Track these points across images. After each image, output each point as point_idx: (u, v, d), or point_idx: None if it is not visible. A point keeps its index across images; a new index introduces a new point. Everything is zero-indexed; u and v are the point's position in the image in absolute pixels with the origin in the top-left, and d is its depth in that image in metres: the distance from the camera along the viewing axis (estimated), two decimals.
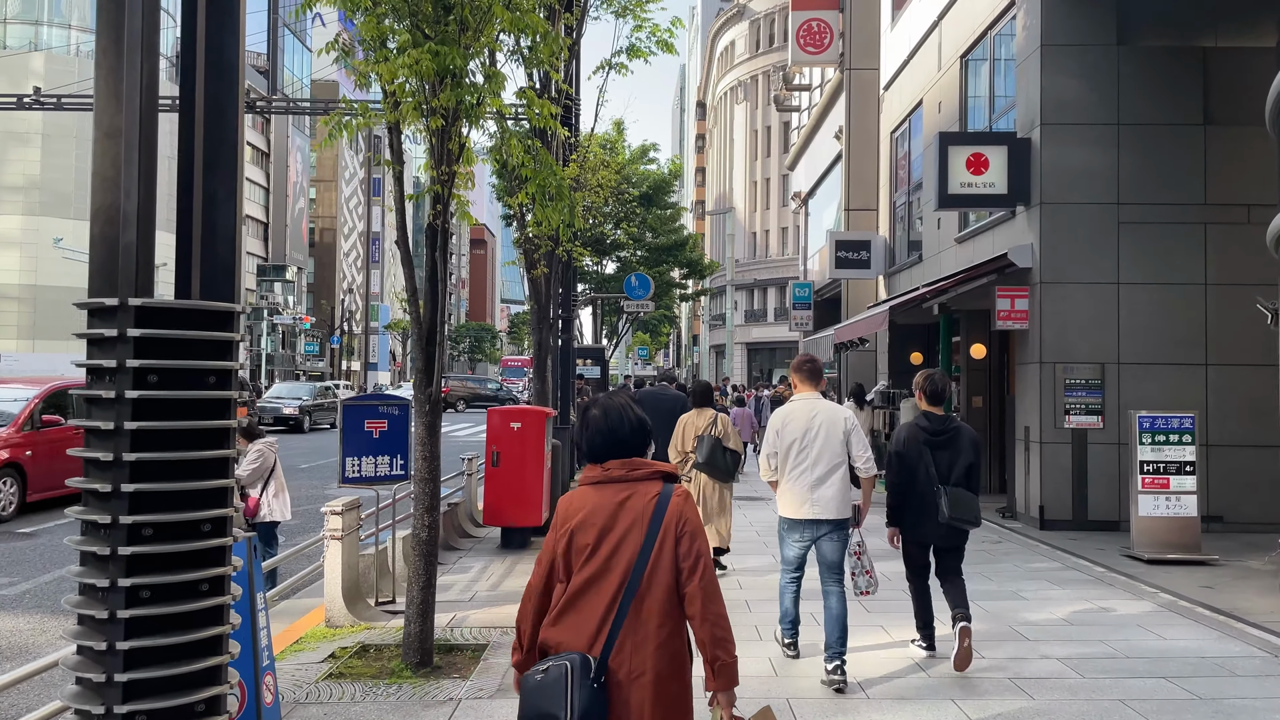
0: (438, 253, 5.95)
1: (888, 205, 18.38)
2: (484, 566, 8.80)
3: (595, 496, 2.74)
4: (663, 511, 2.69)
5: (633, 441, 2.82)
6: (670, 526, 2.67)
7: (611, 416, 2.83)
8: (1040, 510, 10.84)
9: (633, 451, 2.81)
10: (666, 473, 2.81)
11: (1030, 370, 11.15)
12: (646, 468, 2.78)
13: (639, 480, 2.75)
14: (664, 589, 2.64)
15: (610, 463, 2.78)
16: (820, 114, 23.58)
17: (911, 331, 17.44)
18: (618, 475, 2.75)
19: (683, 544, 2.67)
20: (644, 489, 2.73)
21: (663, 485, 2.76)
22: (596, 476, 2.78)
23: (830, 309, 24.86)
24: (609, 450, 2.80)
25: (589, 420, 2.88)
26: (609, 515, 2.69)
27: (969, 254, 13.37)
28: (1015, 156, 11.20)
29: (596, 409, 2.88)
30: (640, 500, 2.70)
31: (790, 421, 5.58)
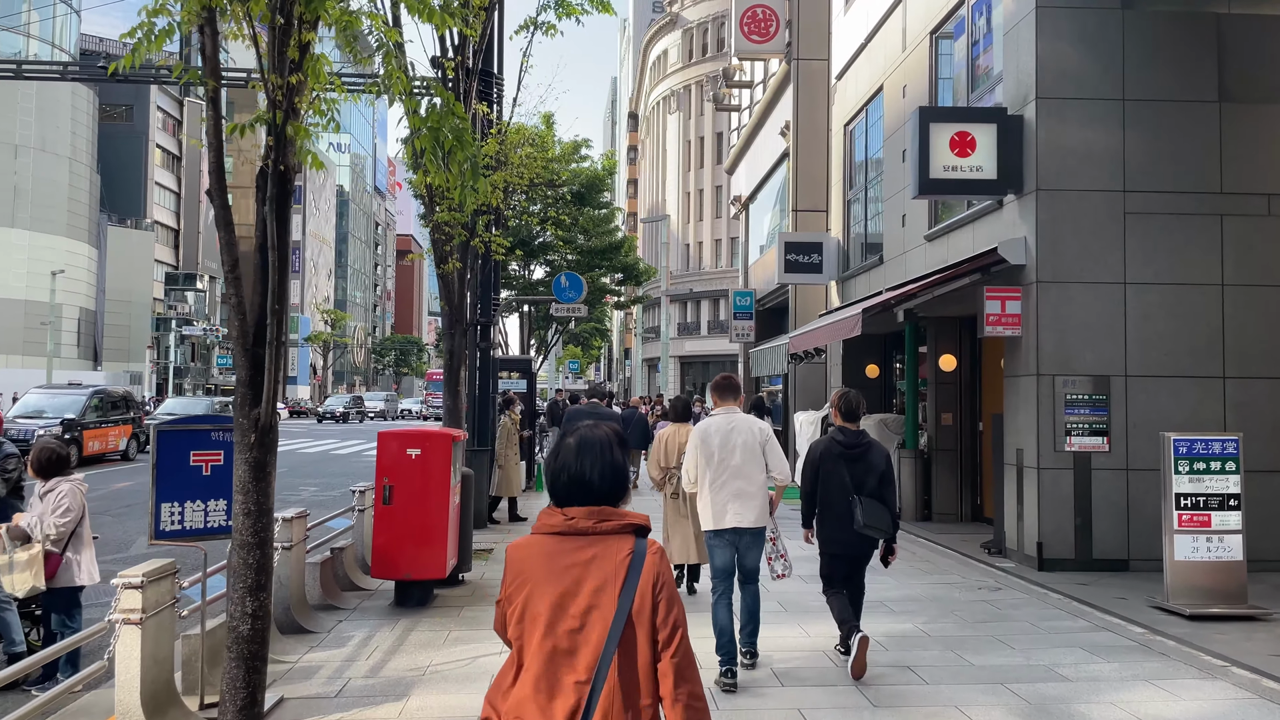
0: (269, 207, 4.05)
1: (840, 205, 16.86)
2: (368, 636, 6.83)
3: (554, 550, 2.26)
4: (637, 573, 2.23)
5: (605, 490, 2.33)
6: (648, 589, 2.23)
7: (586, 457, 2.35)
8: (1039, 548, 9.26)
9: (603, 501, 2.33)
10: (639, 525, 2.32)
11: (1024, 384, 9.59)
12: (617, 519, 2.30)
13: (608, 534, 2.28)
14: (644, 666, 2.22)
15: (574, 510, 2.29)
16: (764, 110, 22.06)
17: (868, 342, 15.88)
18: (583, 527, 2.27)
19: (660, 610, 2.23)
20: (613, 546, 2.26)
21: (635, 541, 2.28)
22: (557, 525, 2.29)
23: (773, 319, 23.31)
24: (575, 495, 2.32)
25: (560, 453, 2.38)
26: (573, 577, 2.22)
27: (941, 253, 11.83)
28: (1006, 136, 9.66)
29: (571, 441, 2.38)
30: (610, 560, 2.24)
31: (709, 435, 5.78)
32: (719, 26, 58.05)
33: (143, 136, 72.34)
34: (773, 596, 7.92)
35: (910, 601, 7.96)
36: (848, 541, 5.95)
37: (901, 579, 8.92)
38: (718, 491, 5.69)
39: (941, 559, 10.04)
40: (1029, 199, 9.54)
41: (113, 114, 71.63)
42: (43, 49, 65.95)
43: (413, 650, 6.44)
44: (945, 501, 12.93)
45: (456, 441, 8.00)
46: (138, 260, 70.40)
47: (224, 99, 4.65)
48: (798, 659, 6.27)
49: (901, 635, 6.81)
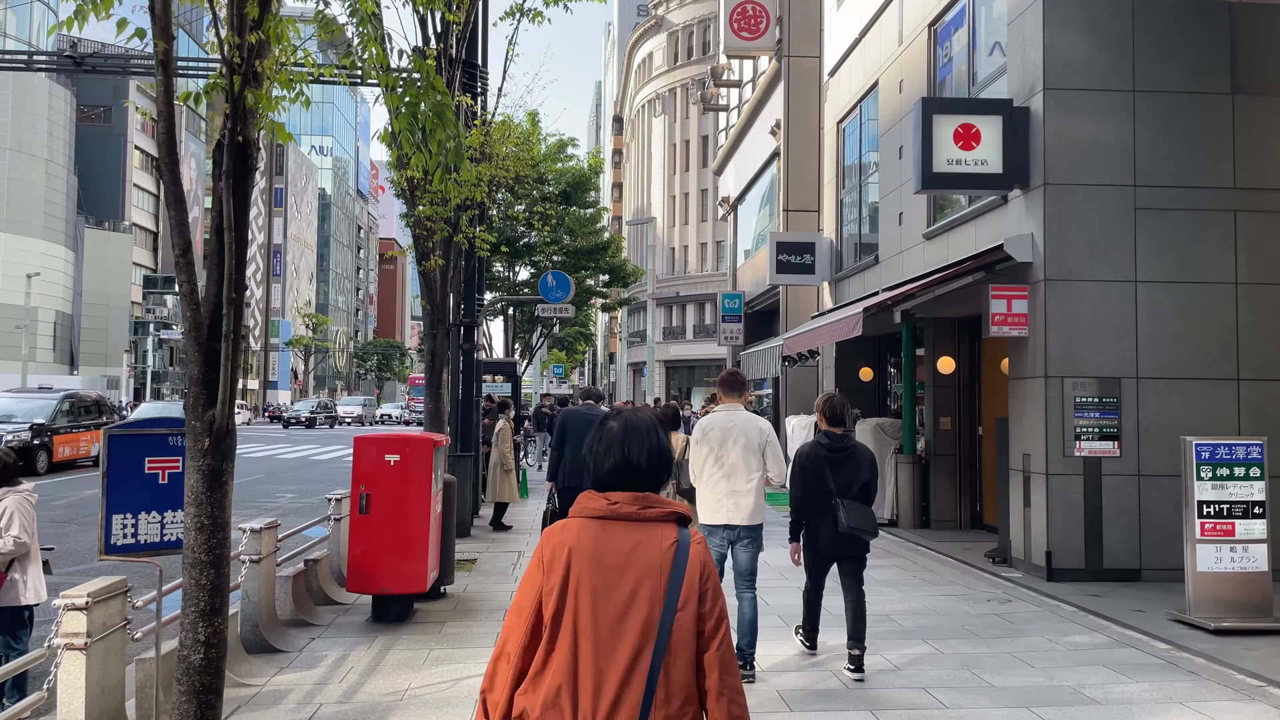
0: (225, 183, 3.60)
1: (833, 204, 16.49)
2: (342, 655, 6.36)
3: (597, 535, 2.16)
4: (684, 562, 2.14)
5: (650, 475, 2.26)
6: (695, 580, 2.14)
7: (633, 441, 2.26)
8: (1047, 557, 8.87)
9: (647, 486, 2.25)
10: (681, 514, 2.23)
11: (1031, 387, 9.21)
12: (661, 506, 2.21)
13: (652, 522, 2.18)
14: (688, 659, 2.12)
15: (617, 495, 2.21)
16: (753, 109, 21.69)
17: (862, 344, 15.50)
18: (628, 513, 2.18)
19: (707, 600, 2.15)
20: (658, 534, 2.17)
21: (678, 530, 2.19)
22: (600, 509, 2.19)
23: (762, 322, 22.94)
24: (619, 480, 2.24)
25: (604, 437, 2.30)
26: (616, 564, 2.12)
27: (941, 252, 11.46)
28: (1012, 128, 9.29)
29: (615, 425, 2.31)
30: (655, 548, 2.15)
31: (710, 431, 5.85)
32: (705, 29, 57.81)
33: (121, 138, 71.41)
34: (773, 610, 7.51)
35: (917, 615, 7.55)
36: (832, 543, 6.02)
37: (905, 591, 8.52)
38: (713, 488, 5.80)
39: (945, 568, 9.65)
40: (1036, 194, 9.17)
41: (91, 115, 70.67)
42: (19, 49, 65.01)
43: (390, 672, 5.98)
44: (944, 508, 12.55)
45: (438, 447, 7.54)
46: (115, 263, 69.45)
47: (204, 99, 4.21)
48: (805, 679, 5.85)
49: (913, 654, 6.40)
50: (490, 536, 11.89)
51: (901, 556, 10.37)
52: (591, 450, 2.32)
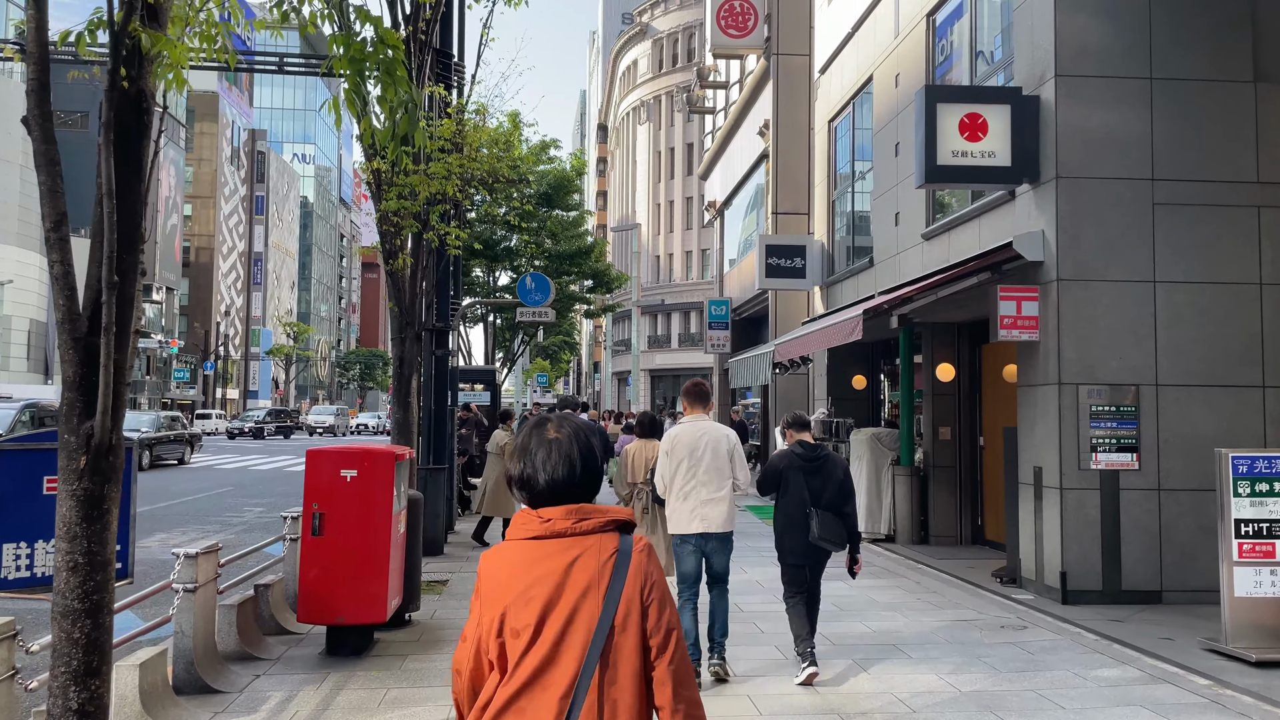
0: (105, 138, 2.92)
1: (825, 206, 15.89)
2: (287, 696, 5.65)
3: (533, 556, 2.02)
4: (623, 573, 2.00)
5: (582, 486, 2.10)
6: (635, 593, 2.00)
7: (556, 448, 2.10)
8: (1062, 578, 8.24)
9: (581, 497, 2.09)
10: (623, 521, 2.07)
11: (1043, 394, 8.60)
12: (598, 516, 2.05)
13: (589, 534, 2.04)
14: (632, 677, 1.98)
15: (549, 511, 2.05)
16: (740, 110, 21.11)
17: (855, 351, 14.90)
18: (561, 529, 2.02)
19: (651, 615, 2.01)
20: (597, 545, 2.02)
21: (619, 539, 2.04)
22: (534, 529, 2.04)
23: (750, 330, 22.34)
24: (549, 494, 2.07)
25: (528, 450, 2.11)
26: (554, 584, 1.98)
27: (941, 253, 10.86)
28: (1021, 118, 8.69)
29: (540, 435, 2.12)
30: (593, 561, 2.01)
31: (679, 442, 5.86)
32: (689, 37, 57.44)
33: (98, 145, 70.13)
34: (768, 639, 6.85)
35: (926, 644, 6.90)
36: (804, 552, 6.09)
37: (911, 614, 7.87)
38: (685, 498, 5.82)
39: (951, 589, 9.01)
40: (1047, 188, 8.57)
41: (67, 121, 69.59)
42: None
43: (341, 715, 5.28)
44: (944, 522, 11.92)
45: (400, 461, 6.84)
46: None
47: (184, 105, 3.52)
48: None
49: (927, 690, 5.74)
50: (466, 555, 11.17)
51: (902, 576, 9.72)
52: (520, 461, 2.13)
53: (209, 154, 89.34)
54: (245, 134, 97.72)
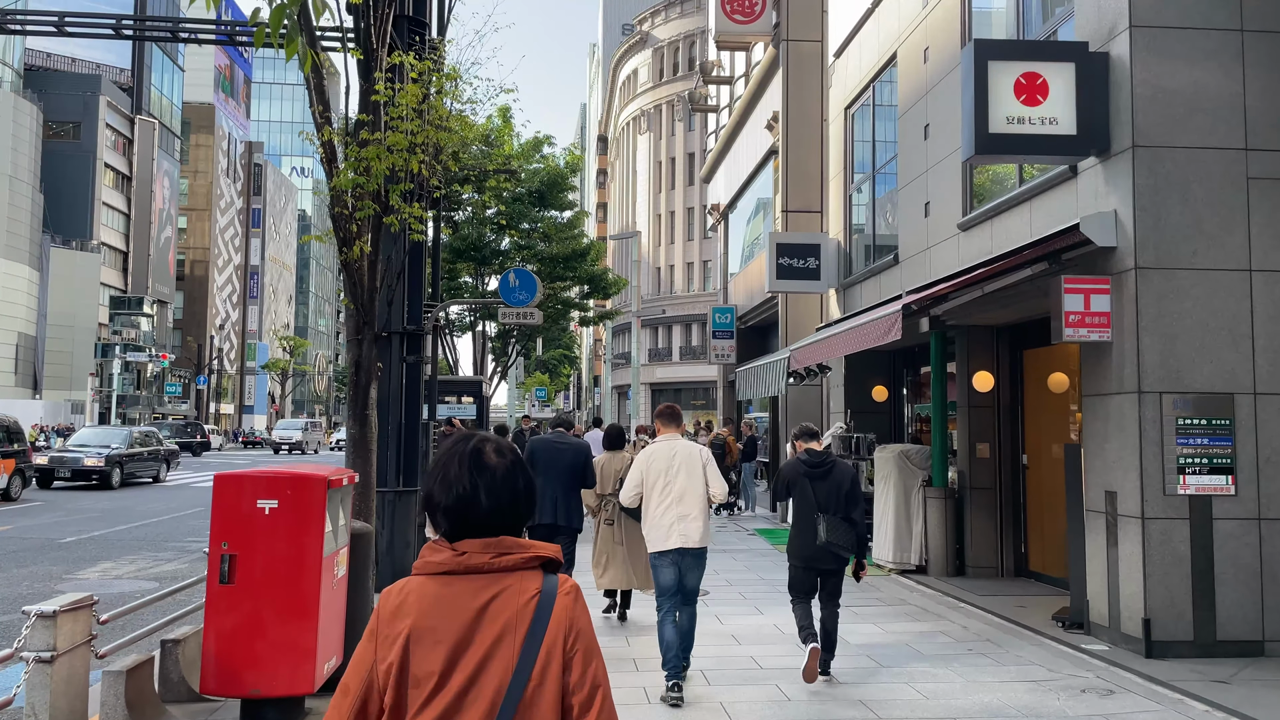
0: None
1: (840, 201, 14.56)
2: None
3: (441, 594, 1.76)
4: (545, 619, 1.75)
5: (504, 516, 1.84)
6: (556, 642, 1.74)
7: (480, 474, 1.83)
8: (1145, 626, 6.85)
9: (503, 529, 1.82)
10: (547, 559, 1.81)
11: (1117, 406, 7.22)
12: (520, 552, 1.80)
13: (508, 571, 1.78)
14: None
15: (465, 544, 1.80)
16: (747, 104, 19.82)
17: (875, 359, 13.56)
18: (477, 564, 1.77)
19: (574, 669, 1.74)
20: (516, 585, 1.77)
21: (543, 579, 1.79)
22: (445, 563, 1.78)
23: (756, 339, 20.99)
24: (465, 524, 1.82)
25: (444, 471, 1.84)
26: (464, 625, 1.74)
27: (981, 244, 9.51)
28: (1087, 79, 7.36)
29: (458, 454, 1.85)
30: (511, 602, 1.75)
31: (654, 461, 6.03)
32: (690, 45, 56.48)
33: (90, 155, 69.16)
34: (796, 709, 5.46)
35: (995, 719, 5.50)
36: (812, 556, 6.25)
37: (966, 672, 6.48)
38: (662, 515, 5.92)
39: (1005, 636, 7.61)
40: (1121, 160, 7.22)
41: (59, 131, 68.48)
42: None
43: None
44: (982, 552, 10.52)
45: (336, 487, 5.45)
46: (82, 283, 67.03)
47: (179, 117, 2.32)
48: None
49: None
50: None
51: (944, 618, 8.33)
52: (431, 483, 1.85)
53: (205, 166, 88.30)
54: (242, 146, 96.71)
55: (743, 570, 10.93)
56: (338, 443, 56.86)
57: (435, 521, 1.85)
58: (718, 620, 8.13)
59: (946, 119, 10.42)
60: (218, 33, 9.75)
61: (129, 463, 22.44)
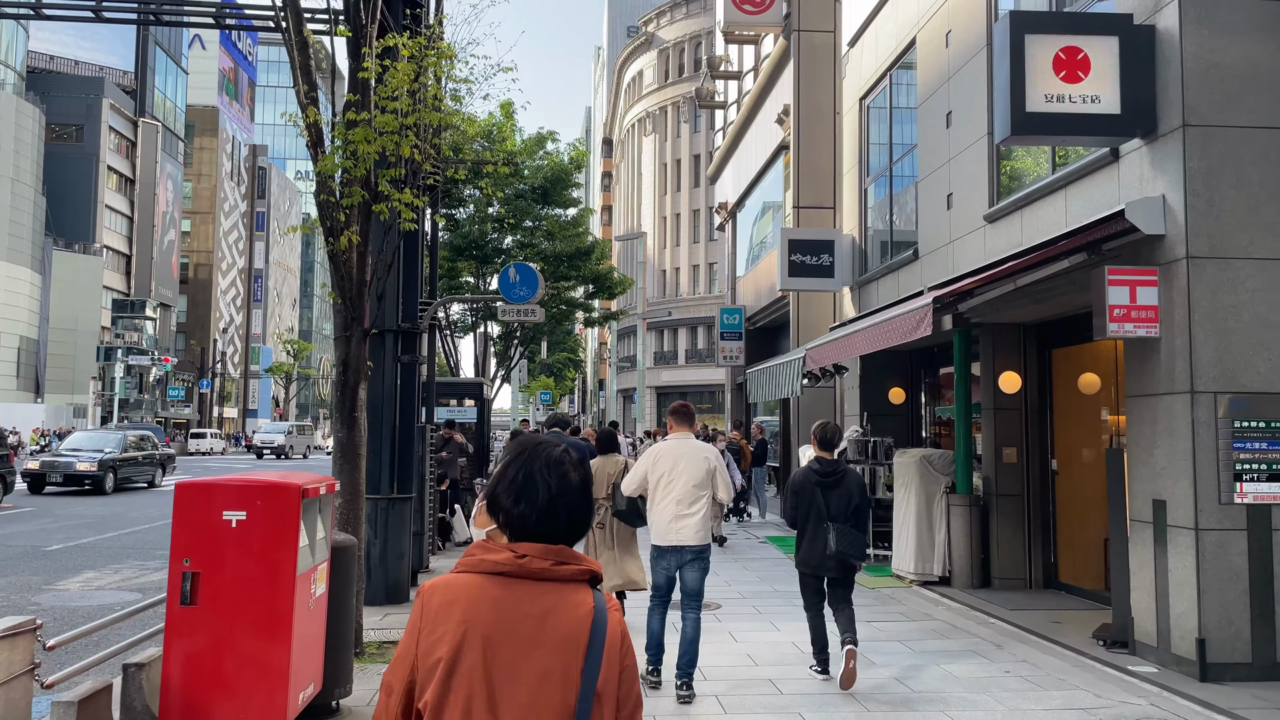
0: None
1: (855, 196, 14.01)
2: None
3: (499, 596, 1.70)
4: (603, 634, 1.71)
5: (572, 526, 1.81)
6: (615, 658, 1.72)
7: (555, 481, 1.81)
8: (1199, 646, 6.28)
9: (564, 539, 1.79)
10: (595, 574, 1.79)
11: (1166, 407, 6.66)
12: (575, 563, 1.76)
13: (565, 582, 1.74)
14: None
15: (526, 546, 1.75)
16: (756, 99, 19.28)
17: (890, 360, 13.02)
18: (538, 569, 1.72)
19: (624, 683, 1.75)
20: (572, 598, 1.73)
21: (593, 595, 1.75)
22: (504, 564, 1.72)
23: (766, 339, 20.44)
24: (530, 527, 1.78)
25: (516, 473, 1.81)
26: (525, 634, 1.68)
27: (1010, 237, 8.97)
28: (1132, 54, 6.81)
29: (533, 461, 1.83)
30: (569, 616, 1.70)
31: (661, 458, 6.09)
32: (696, 46, 56.05)
33: (93, 158, 68.85)
34: None
35: None
36: (820, 564, 6.27)
37: (1006, 698, 5.92)
38: (663, 512, 5.98)
39: (1043, 656, 7.04)
40: (1169, 141, 6.67)
41: (61, 134, 68.17)
42: None
43: None
44: (1009, 562, 9.96)
45: (312, 497, 4.91)
46: (85, 286, 66.66)
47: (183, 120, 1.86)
48: None
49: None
50: None
51: (974, 635, 7.76)
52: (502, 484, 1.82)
53: (208, 169, 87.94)
54: (246, 149, 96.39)
55: (755, 581, 10.38)
56: (211, 449, 54.16)
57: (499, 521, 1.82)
58: (731, 638, 7.57)
59: (970, 105, 9.89)
60: (201, 13, 9.24)
61: (123, 467, 21.93)
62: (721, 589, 9.81)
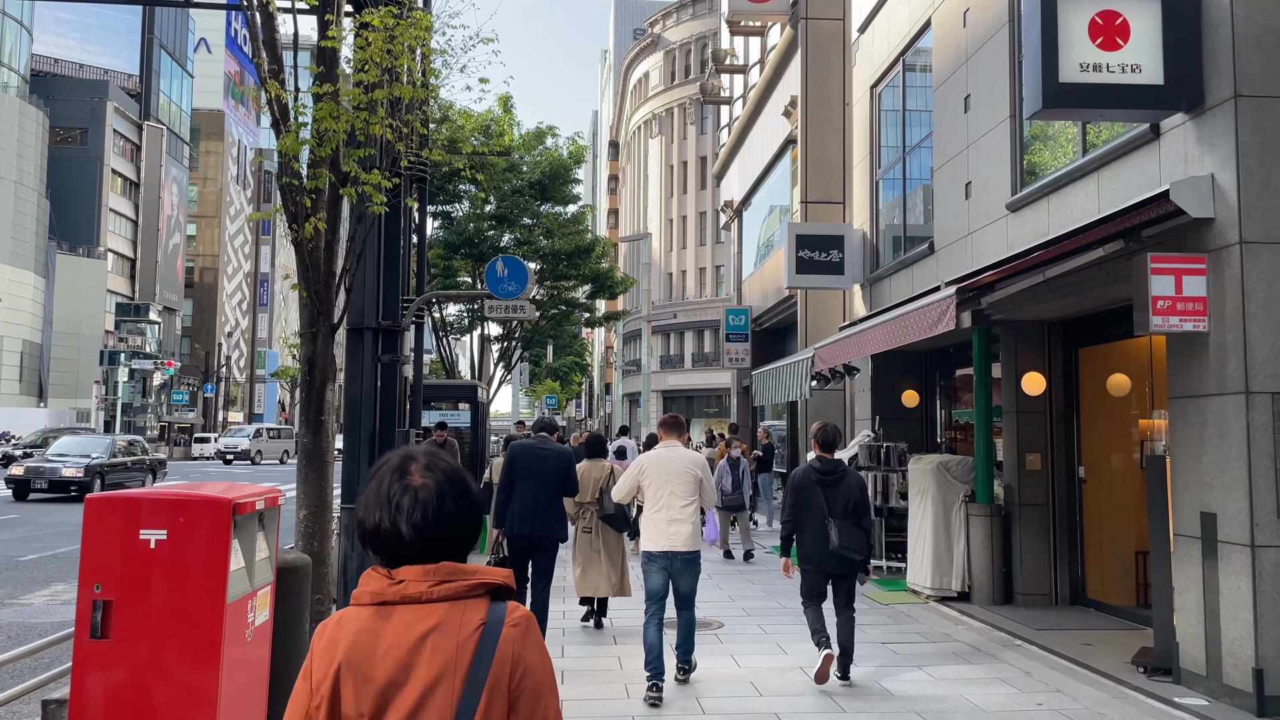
0: None
1: (865, 189, 13.35)
2: None
3: (376, 627, 1.60)
4: (489, 655, 1.58)
5: (447, 540, 1.66)
6: (501, 680, 1.58)
7: (398, 491, 1.66)
8: (1257, 679, 5.61)
9: (445, 554, 1.65)
10: (496, 586, 1.64)
11: (1216, 409, 5.99)
12: (463, 579, 1.62)
13: (450, 600, 1.61)
14: None
15: (404, 571, 1.63)
16: (762, 92, 18.63)
17: (904, 362, 12.37)
18: (415, 593, 1.60)
19: (521, 710, 1.58)
20: (458, 617, 1.59)
21: (489, 607, 1.62)
22: (381, 592, 1.62)
23: (773, 341, 19.79)
24: (404, 549, 1.64)
25: (380, 489, 1.68)
26: (399, 662, 1.57)
27: (1036, 225, 8.31)
28: (1175, 18, 6.16)
29: (381, 472, 1.71)
30: (452, 635, 1.58)
31: (649, 467, 6.25)
32: (703, 47, 55.54)
33: (97, 161, 68.55)
34: None
35: None
36: (823, 560, 6.35)
37: None
38: (655, 517, 6.10)
39: (1079, 685, 6.37)
40: (1219, 114, 6.01)
41: (65, 137, 67.87)
42: None
43: None
44: (1033, 576, 9.28)
45: (245, 512, 4.27)
46: (89, 290, 66.32)
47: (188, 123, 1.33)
48: None
49: None
50: None
51: (1000, 660, 7.09)
52: (363, 508, 1.68)
53: (214, 173, 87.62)
54: (252, 153, 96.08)
55: (760, 596, 9.72)
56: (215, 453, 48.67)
57: (367, 550, 1.69)
58: (734, 661, 6.92)
59: (991, 87, 9.24)
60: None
61: (110, 473, 21.35)
62: (724, 605, 9.15)
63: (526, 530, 6.99)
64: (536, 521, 6.99)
